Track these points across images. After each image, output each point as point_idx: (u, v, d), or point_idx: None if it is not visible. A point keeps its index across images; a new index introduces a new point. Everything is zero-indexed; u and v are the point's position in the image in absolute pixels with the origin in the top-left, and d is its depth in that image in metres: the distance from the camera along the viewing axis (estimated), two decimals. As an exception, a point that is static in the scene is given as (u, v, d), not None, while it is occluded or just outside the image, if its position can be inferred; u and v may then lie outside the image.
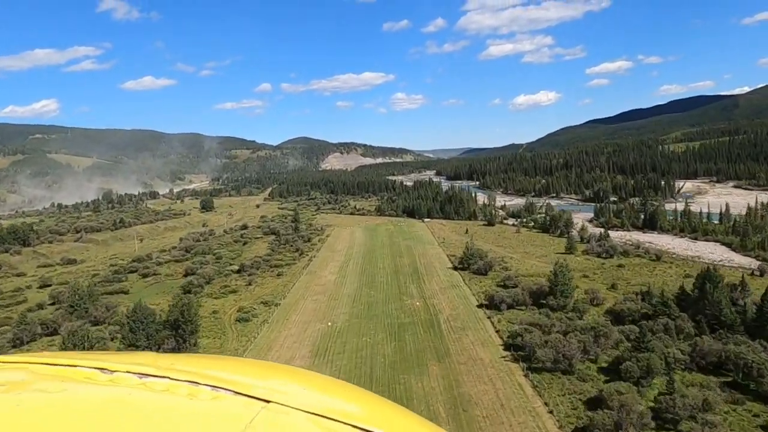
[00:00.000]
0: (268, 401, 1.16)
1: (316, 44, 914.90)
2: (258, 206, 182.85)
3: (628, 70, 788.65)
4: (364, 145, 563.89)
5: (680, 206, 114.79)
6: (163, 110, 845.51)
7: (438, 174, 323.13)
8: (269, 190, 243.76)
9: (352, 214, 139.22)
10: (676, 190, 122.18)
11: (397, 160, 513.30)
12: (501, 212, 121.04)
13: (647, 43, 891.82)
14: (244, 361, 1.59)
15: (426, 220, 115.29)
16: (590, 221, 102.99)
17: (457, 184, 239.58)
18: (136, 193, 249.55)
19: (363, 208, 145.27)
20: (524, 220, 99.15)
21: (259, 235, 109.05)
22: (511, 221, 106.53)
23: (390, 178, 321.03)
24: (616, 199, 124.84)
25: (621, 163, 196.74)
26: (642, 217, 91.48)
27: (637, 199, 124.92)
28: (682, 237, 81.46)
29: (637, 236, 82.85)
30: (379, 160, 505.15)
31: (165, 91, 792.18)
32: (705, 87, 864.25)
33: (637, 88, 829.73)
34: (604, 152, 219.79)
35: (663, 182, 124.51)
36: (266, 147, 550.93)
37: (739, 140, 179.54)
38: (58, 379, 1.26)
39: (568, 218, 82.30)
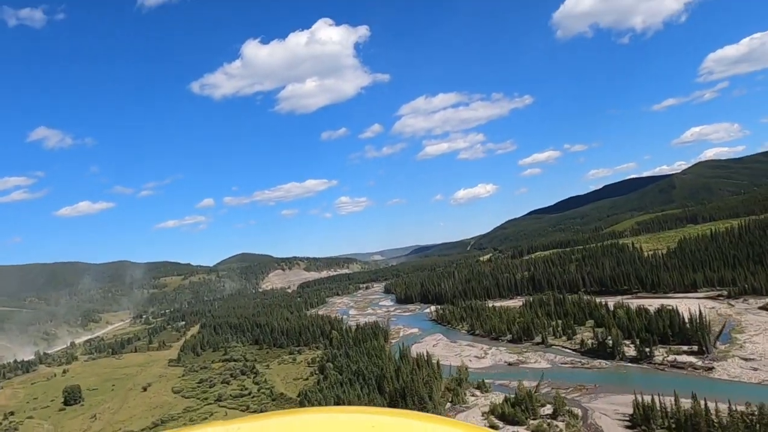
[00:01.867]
0: None
1: (257, 156, 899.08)
2: (145, 389, 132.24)
3: (556, 159, 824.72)
4: (308, 259, 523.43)
5: (735, 368, 79.94)
6: (95, 237, 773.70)
7: (387, 291, 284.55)
8: (191, 331, 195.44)
9: (263, 411, 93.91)
10: (714, 335, 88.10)
11: (343, 271, 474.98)
12: (482, 400, 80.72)
13: (571, 133, 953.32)
14: (310, 410, 1.37)
15: (371, 435, 72.50)
16: (631, 425, 64.19)
17: (409, 313, 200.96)
18: (22, 360, 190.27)
19: (284, 396, 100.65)
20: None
21: None
22: (505, 436, 66.24)
23: (332, 300, 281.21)
24: (635, 353, 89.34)
25: (598, 274, 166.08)
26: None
27: (662, 350, 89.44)
28: None
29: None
30: (324, 274, 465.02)
31: (101, 215, 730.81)
32: (629, 168, 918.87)
33: (568, 175, 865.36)
34: (572, 259, 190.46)
35: (689, 323, 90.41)
36: (201, 269, 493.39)
37: (727, 240, 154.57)
38: None
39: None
